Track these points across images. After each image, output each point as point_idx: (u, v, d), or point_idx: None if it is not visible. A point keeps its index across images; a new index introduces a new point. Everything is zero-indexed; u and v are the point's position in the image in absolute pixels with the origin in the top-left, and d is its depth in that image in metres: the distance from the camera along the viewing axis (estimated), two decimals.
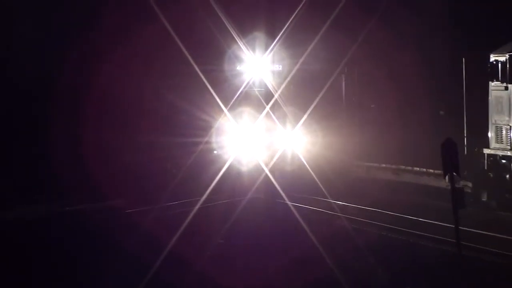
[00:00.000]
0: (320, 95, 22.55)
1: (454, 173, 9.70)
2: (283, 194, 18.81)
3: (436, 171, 20.08)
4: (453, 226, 10.01)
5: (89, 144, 21.67)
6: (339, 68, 23.25)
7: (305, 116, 22.60)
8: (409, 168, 21.82)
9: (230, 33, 22.04)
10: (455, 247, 10.44)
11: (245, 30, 23.03)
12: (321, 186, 19.40)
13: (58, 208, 18.58)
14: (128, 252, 12.93)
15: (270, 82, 23.24)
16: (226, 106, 22.48)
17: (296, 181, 21.58)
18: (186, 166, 22.06)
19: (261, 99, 23.13)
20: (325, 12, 22.19)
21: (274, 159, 21.66)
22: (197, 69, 21.14)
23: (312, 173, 20.43)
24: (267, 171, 20.48)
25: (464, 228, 12.29)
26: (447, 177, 9.76)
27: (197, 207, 17.40)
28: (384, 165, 22.92)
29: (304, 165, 21.71)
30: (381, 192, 21.01)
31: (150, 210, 17.74)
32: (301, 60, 22.48)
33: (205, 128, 23.28)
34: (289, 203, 18.20)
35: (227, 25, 21.64)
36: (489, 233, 14.72)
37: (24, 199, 19.12)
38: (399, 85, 22.11)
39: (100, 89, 21.69)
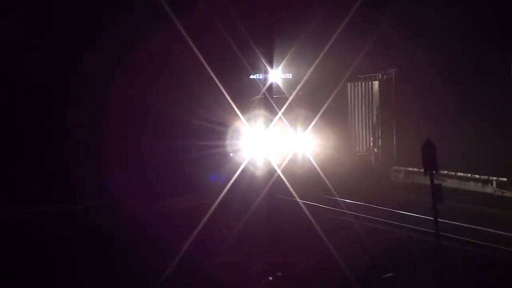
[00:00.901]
0: (329, 100, 23.64)
1: (434, 171, 10.95)
2: (293, 192, 20.25)
3: (482, 177, 19.60)
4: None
5: (115, 149, 23.35)
6: (347, 75, 24.37)
7: (315, 120, 23.56)
8: (452, 173, 20.69)
9: (245, 44, 23.57)
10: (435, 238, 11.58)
11: (259, 41, 24.48)
12: (329, 185, 20.35)
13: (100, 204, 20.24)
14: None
15: (282, 89, 24.66)
16: (241, 112, 23.75)
17: (307, 181, 22.51)
18: (204, 168, 23.68)
19: (274, 105, 24.51)
20: (335, 22, 23.47)
21: (286, 161, 23.04)
22: (214, 77, 22.61)
23: (321, 173, 21.43)
24: (279, 172, 21.71)
25: None
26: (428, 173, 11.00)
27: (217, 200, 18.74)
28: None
29: (315, 166, 22.68)
30: (408, 195, 20.42)
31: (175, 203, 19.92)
32: (310, 70, 23.63)
33: (221, 133, 24.68)
34: (299, 200, 19.63)
35: (243, 37, 23.17)
36: None
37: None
38: (442, 89, 21.50)
39: (126, 97, 23.36)
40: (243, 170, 21.93)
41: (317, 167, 22.45)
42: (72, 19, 24.31)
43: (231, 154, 24.76)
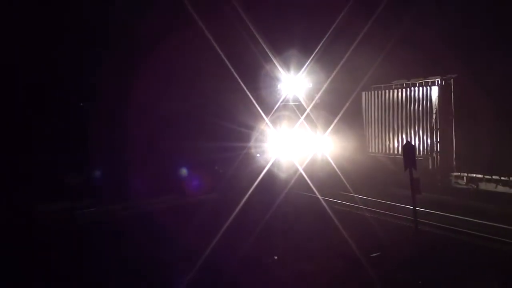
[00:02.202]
0: (347, 105, 25.68)
1: (413, 168, 13.07)
2: (314, 189, 22.62)
3: None
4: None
5: (158, 150, 26.10)
6: (361, 85, 26.61)
7: (334, 123, 25.76)
8: None
9: (271, 58, 26.23)
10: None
11: (283, 55, 27.13)
12: (346, 183, 22.56)
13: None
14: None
15: (303, 97, 27.19)
16: (267, 117, 26.36)
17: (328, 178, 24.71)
18: (233, 167, 26.17)
19: (296, 111, 27.03)
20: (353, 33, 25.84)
21: (307, 161, 25.41)
22: (244, 87, 25.25)
23: (338, 170, 23.60)
24: (301, 171, 24.10)
25: None
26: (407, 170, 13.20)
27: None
28: (490, 176, 21.03)
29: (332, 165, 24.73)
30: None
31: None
32: (329, 79, 26.05)
33: (249, 136, 27.19)
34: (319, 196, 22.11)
35: (268, 52, 25.88)
36: None
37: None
38: (503, 94, 21.16)
39: (167, 104, 26.15)
40: (268, 169, 24.44)
41: (336, 168, 24.18)
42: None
43: (257, 155, 27.29)
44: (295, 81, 27.38)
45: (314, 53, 25.47)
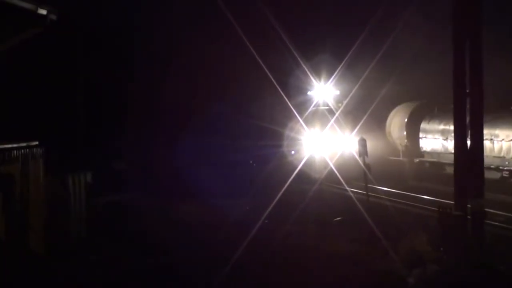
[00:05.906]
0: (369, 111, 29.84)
1: (366, 156, 17.11)
2: (342, 181, 25.56)
3: None
4: None
5: (205, 149, 29.63)
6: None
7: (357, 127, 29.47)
8: None
9: (306, 70, 30.35)
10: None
11: (315, 66, 31.24)
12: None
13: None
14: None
15: (332, 102, 31.26)
16: (302, 119, 30.26)
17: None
18: (272, 163, 29.85)
19: (327, 114, 30.97)
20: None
21: (336, 157, 28.89)
22: (282, 94, 29.38)
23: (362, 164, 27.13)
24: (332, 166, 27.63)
25: None
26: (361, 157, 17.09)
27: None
28: None
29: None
30: None
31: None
32: (355, 87, 30.09)
33: (286, 135, 31.10)
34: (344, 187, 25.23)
35: (303, 65, 29.94)
36: None
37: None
38: None
39: (216, 109, 30.44)
40: (303, 164, 28.23)
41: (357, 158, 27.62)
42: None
43: (292, 152, 31.31)
44: (326, 89, 31.47)
45: (341, 65, 29.40)
